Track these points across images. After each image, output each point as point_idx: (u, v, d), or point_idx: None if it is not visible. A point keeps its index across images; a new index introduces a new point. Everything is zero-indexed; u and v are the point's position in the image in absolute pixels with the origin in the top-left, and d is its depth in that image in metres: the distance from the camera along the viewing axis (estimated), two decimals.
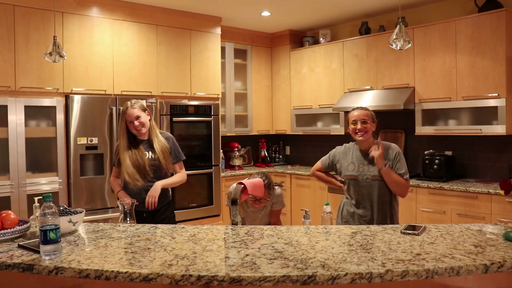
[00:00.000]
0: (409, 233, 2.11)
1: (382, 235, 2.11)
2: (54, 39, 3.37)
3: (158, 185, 3.28)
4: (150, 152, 3.33)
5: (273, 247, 1.92)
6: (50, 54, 3.24)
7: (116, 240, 2.08)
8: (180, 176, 3.50)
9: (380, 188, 3.05)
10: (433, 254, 1.78)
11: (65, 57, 3.46)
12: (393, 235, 2.10)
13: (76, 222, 2.21)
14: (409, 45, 2.85)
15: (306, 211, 2.59)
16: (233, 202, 2.33)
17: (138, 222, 3.10)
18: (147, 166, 3.27)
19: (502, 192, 1.94)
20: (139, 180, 3.25)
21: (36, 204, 2.68)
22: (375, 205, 3.05)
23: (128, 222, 2.50)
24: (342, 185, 3.29)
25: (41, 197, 2.58)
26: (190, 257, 1.79)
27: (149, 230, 2.28)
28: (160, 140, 3.39)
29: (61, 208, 2.32)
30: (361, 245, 1.94)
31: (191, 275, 1.57)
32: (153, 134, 3.37)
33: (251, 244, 1.99)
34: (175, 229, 2.26)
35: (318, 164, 3.47)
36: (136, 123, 3.25)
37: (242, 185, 2.45)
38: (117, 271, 1.62)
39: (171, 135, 3.56)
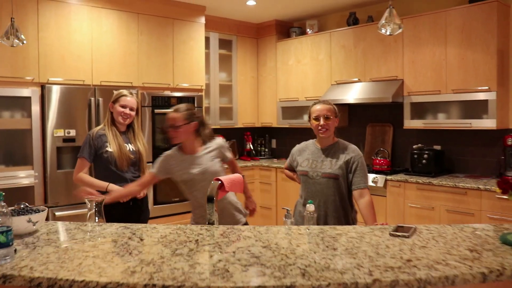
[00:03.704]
0: (398, 235, 1.94)
1: (370, 237, 1.94)
2: (11, 21, 3.09)
3: None
4: (130, 144, 3.34)
5: (249, 251, 1.75)
6: (7, 37, 2.98)
7: (78, 242, 1.89)
8: None
9: (333, 187, 2.89)
10: (425, 260, 1.62)
11: (25, 41, 3.21)
12: (381, 238, 1.93)
13: (37, 222, 2.02)
14: (400, 30, 2.64)
15: (287, 210, 2.41)
16: (209, 199, 2.15)
17: (123, 211, 3.17)
18: (125, 158, 3.27)
19: (499, 190, 1.79)
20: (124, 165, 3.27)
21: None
22: (327, 205, 2.89)
23: (97, 220, 2.32)
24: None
25: (3, 193, 2.39)
26: (157, 262, 1.61)
27: (117, 230, 2.09)
28: (142, 137, 3.51)
29: (22, 206, 2.13)
30: (346, 249, 1.77)
31: (154, 285, 1.40)
32: (138, 129, 3.46)
33: (225, 247, 1.81)
34: (145, 230, 2.08)
35: (286, 161, 3.37)
36: (127, 111, 3.28)
37: (219, 181, 2.28)
38: (72, 279, 1.44)
39: None
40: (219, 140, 3.14)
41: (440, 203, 4.50)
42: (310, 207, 2.35)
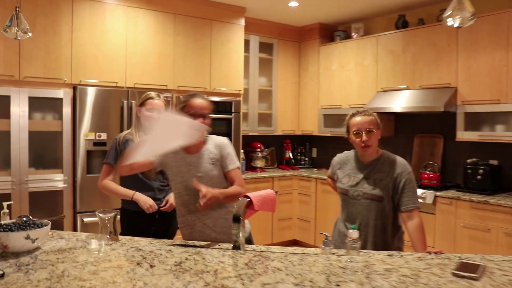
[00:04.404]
0: (464, 276, 1.55)
1: (427, 276, 1.56)
2: (16, 10, 2.78)
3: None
4: None
5: None
6: (10, 28, 2.72)
7: (79, 267, 1.63)
8: None
9: (376, 210, 2.55)
10: None
11: (30, 34, 2.91)
12: (441, 278, 1.55)
13: (37, 239, 1.78)
14: (472, 22, 2.10)
15: (326, 235, 2.05)
16: (235, 219, 1.85)
17: (148, 224, 2.93)
18: None
19: None
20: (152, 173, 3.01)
21: (5, 210, 2.24)
22: (367, 229, 2.56)
23: (108, 237, 2.06)
24: None
25: (11, 202, 2.18)
26: None
27: (126, 252, 1.81)
28: None
29: (24, 218, 1.90)
30: None
31: None
32: None
33: (248, 282, 1.50)
34: (159, 253, 1.79)
35: (329, 171, 3.03)
36: (155, 114, 3.02)
37: (248, 199, 1.97)
38: None
39: None
40: (223, 140, 2.58)
41: (498, 225, 4.05)
42: (354, 234, 2.00)
